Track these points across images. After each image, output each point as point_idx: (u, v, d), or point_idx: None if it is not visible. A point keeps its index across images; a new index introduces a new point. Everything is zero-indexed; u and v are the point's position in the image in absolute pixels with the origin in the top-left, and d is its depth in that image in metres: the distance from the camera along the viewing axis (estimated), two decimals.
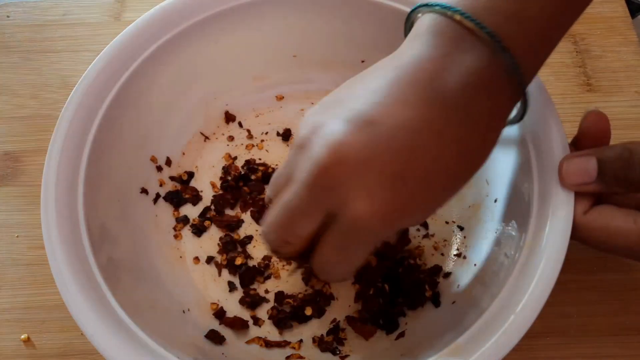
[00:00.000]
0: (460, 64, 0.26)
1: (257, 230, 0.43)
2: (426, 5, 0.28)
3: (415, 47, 0.28)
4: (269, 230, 0.28)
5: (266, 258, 0.42)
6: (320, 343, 0.38)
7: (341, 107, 0.27)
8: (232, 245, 0.42)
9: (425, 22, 0.28)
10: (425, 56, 0.27)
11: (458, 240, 0.41)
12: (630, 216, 0.31)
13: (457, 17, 0.27)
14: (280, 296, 0.40)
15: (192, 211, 0.44)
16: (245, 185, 0.44)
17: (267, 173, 0.44)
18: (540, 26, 0.28)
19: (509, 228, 0.36)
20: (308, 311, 0.39)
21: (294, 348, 0.38)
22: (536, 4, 0.27)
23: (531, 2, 0.27)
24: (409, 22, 0.30)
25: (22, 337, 0.40)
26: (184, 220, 0.43)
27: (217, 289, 0.41)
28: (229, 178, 0.44)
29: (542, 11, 0.27)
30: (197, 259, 0.42)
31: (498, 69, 0.27)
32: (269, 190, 0.30)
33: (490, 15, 0.27)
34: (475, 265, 0.38)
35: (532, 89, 0.36)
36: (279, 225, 0.28)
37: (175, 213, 0.43)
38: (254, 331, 0.39)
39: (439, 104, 0.26)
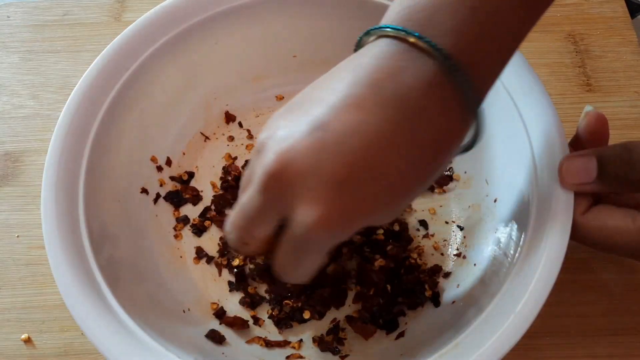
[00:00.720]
0: (415, 72, 0.26)
1: None
2: (378, 28, 0.28)
3: (375, 48, 0.27)
4: (229, 230, 0.29)
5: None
6: (320, 343, 0.38)
7: (301, 110, 0.27)
8: None
9: (378, 43, 0.28)
10: (384, 56, 0.27)
11: (458, 240, 0.41)
12: (629, 216, 0.31)
13: (412, 39, 0.26)
14: (280, 296, 0.40)
15: (192, 211, 0.44)
16: None
17: None
18: (493, 43, 0.27)
19: (509, 228, 0.36)
20: (306, 315, 0.39)
21: (294, 348, 0.38)
22: (488, 20, 0.27)
23: (479, 18, 0.26)
24: (359, 47, 0.30)
25: (22, 337, 0.40)
26: (184, 220, 0.43)
27: (217, 289, 0.41)
28: (229, 178, 0.44)
29: (492, 27, 0.27)
30: (197, 258, 0.42)
31: (451, 86, 0.26)
32: (240, 190, 0.31)
33: (441, 34, 0.26)
34: (475, 265, 0.38)
35: (530, 88, 0.36)
36: (237, 227, 0.29)
37: (176, 213, 0.43)
38: (254, 331, 0.39)
39: (392, 108, 0.26)
